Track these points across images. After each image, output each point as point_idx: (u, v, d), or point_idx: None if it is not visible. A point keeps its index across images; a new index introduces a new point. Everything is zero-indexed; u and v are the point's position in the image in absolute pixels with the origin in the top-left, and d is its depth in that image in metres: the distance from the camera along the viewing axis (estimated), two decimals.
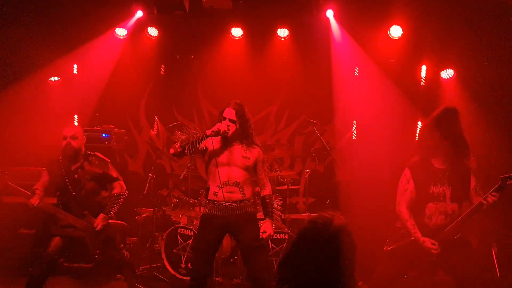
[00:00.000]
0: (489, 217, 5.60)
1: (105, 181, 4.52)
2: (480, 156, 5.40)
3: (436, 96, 6.33)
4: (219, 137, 3.86)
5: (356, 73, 6.67)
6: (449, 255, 3.59)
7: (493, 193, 3.45)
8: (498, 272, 5.39)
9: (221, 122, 3.87)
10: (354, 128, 6.78)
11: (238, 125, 3.86)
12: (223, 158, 3.85)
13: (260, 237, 3.75)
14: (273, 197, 3.93)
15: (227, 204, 3.82)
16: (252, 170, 3.92)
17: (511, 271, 5.43)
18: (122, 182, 4.57)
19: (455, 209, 3.65)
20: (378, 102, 6.38)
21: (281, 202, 4.02)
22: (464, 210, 3.62)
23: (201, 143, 3.78)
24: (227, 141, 3.89)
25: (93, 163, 4.44)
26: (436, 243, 3.57)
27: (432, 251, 3.57)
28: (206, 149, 3.88)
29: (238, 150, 3.87)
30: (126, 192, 4.56)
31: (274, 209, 3.87)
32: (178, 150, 3.76)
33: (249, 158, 3.87)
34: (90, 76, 6.63)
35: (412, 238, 3.65)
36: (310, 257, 1.83)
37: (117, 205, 4.47)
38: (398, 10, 5.96)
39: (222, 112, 3.92)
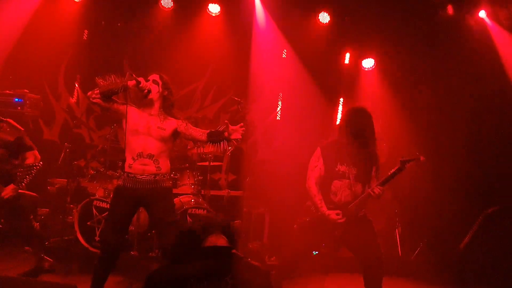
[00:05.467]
0: (395, 201, 6.04)
1: (17, 149, 4.34)
2: (393, 140, 5.80)
3: (357, 83, 6.62)
4: (145, 93, 3.75)
5: (284, 55, 6.77)
6: (352, 233, 3.85)
7: (378, 186, 3.81)
8: (400, 250, 5.85)
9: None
10: (278, 108, 6.91)
11: (160, 89, 3.81)
12: (139, 126, 3.76)
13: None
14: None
15: (141, 177, 3.77)
16: (168, 141, 3.86)
17: (412, 249, 5.91)
18: (36, 152, 4.41)
19: (358, 189, 3.92)
20: (302, 85, 6.55)
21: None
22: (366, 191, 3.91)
23: (121, 91, 3.65)
24: (145, 108, 3.82)
25: (3, 130, 4.26)
26: (340, 212, 3.82)
27: (338, 221, 3.80)
28: (125, 115, 3.75)
29: (154, 120, 3.81)
30: (40, 163, 4.40)
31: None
32: (95, 92, 3.63)
33: (164, 129, 3.80)
34: (2, 31, 6.15)
35: (319, 213, 3.86)
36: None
37: (29, 176, 4.31)
38: None
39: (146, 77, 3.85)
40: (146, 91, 3.73)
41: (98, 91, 3.63)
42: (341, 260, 5.01)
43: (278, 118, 6.91)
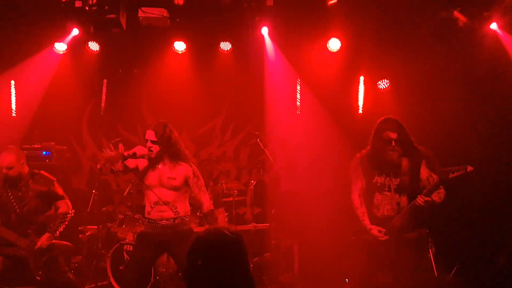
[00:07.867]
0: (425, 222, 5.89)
1: (50, 199, 4.47)
2: None
3: (374, 105, 6.60)
4: (146, 158, 3.91)
5: (298, 85, 6.84)
6: (396, 252, 3.71)
7: (422, 196, 3.58)
8: (435, 271, 5.69)
9: (144, 145, 3.96)
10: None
11: (160, 146, 3.91)
12: (151, 180, 3.94)
13: None
14: (215, 211, 4.01)
15: (160, 222, 3.89)
16: (182, 187, 3.98)
17: (448, 269, 5.74)
18: (68, 201, 4.54)
19: (401, 201, 3.74)
20: (320, 111, 6.57)
21: (227, 213, 4.08)
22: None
23: (120, 163, 3.81)
24: (153, 162, 3.94)
25: (37, 181, 4.41)
26: (383, 230, 3.68)
27: (379, 238, 3.68)
28: (137, 169, 3.93)
29: (164, 171, 3.94)
30: (73, 211, 4.53)
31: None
32: (97, 167, 3.83)
33: (175, 179, 3.93)
34: (28, 92, 6.44)
35: (362, 226, 3.74)
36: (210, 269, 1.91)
37: (63, 224, 4.44)
38: (336, 23, 6.17)
39: (144, 134, 4.00)
40: (146, 156, 3.87)
41: (102, 163, 3.81)
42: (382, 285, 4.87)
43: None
